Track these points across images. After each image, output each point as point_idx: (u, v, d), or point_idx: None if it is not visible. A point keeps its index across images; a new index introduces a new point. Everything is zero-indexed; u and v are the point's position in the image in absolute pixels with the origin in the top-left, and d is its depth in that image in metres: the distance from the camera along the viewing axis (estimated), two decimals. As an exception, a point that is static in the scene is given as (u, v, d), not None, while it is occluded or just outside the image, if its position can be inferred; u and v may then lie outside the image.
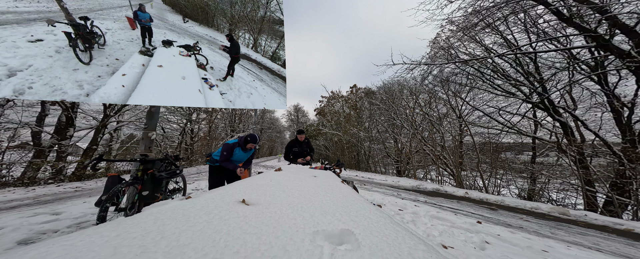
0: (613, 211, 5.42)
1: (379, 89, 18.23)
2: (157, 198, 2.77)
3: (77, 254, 0.59)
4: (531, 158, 9.43)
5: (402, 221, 3.57)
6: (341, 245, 0.74)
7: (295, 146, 4.32)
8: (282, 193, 1.38)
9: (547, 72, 7.47)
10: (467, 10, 7.02)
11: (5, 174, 6.55)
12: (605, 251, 2.92)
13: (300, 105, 38.05)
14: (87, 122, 8.82)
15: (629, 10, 5.19)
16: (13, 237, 2.38)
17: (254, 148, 3.30)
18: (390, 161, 15.81)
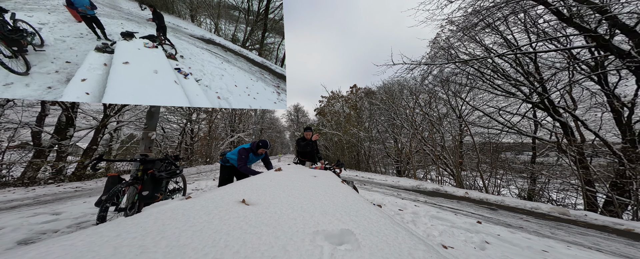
0: (613, 211, 5.42)
1: (379, 89, 18.25)
2: (157, 197, 2.78)
3: (77, 254, 0.59)
4: (531, 158, 9.43)
5: (402, 221, 3.57)
6: (341, 245, 0.74)
7: (302, 142, 4.39)
8: (282, 193, 1.38)
9: (547, 72, 7.47)
10: (467, 10, 7.02)
11: (5, 174, 6.55)
12: (605, 251, 2.92)
13: (300, 105, 38.08)
14: (87, 122, 8.82)
15: (629, 10, 5.19)
16: (13, 237, 2.37)
17: (264, 153, 3.50)
18: (390, 161, 15.81)
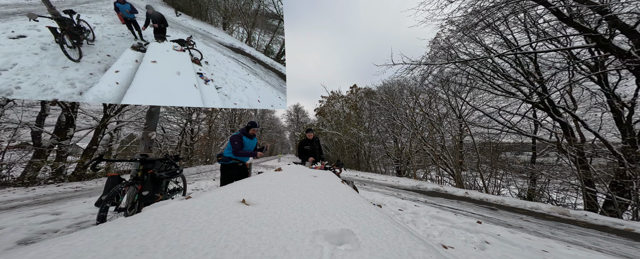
0: (613, 211, 5.42)
1: (379, 89, 18.24)
2: (157, 198, 2.77)
3: (77, 254, 0.59)
4: (531, 158, 9.43)
5: (402, 221, 3.57)
6: (341, 245, 0.74)
7: (306, 144, 4.44)
8: (282, 193, 1.38)
9: (547, 72, 7.47)
10: (467, 10, 7.02)
11: (5, 174, 6.55)
12: (605, 251, 2.92)
13: (300, 105, 38.08)
14: (87, 122, 8.82)
15: (629, 10, 5.19)
16: (13, 237, 2.38)
17: (255, 133, 3.51)
18: (390, 161, 15.80)
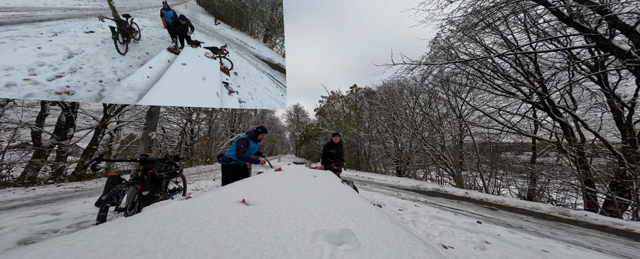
0: (613, 211, 5.42)
1: (379, 89, 18.24)
2: (157, 198, 2.78)
3: (77, 254, 0.59)
4: (531, 158, 9.42)
5: (402, 221, 3.57)
6: (341, 245, 0.74)
7: (332, 148, 4.48)
8: (282, 193, 1.37)
9: (547, 72, 7.47)
10: (467, 10, 7.02)
11: (5, 174, 6.55)
12: (605, 251, 2.92)
13: (300, 105, 38.09)
14: (87, 122, 8.81)
15: (629, 10, 5.19)
16: (13, 237, 2.37)
17: (263, 139, 3.56)
18: (390, 161, 15.80)
